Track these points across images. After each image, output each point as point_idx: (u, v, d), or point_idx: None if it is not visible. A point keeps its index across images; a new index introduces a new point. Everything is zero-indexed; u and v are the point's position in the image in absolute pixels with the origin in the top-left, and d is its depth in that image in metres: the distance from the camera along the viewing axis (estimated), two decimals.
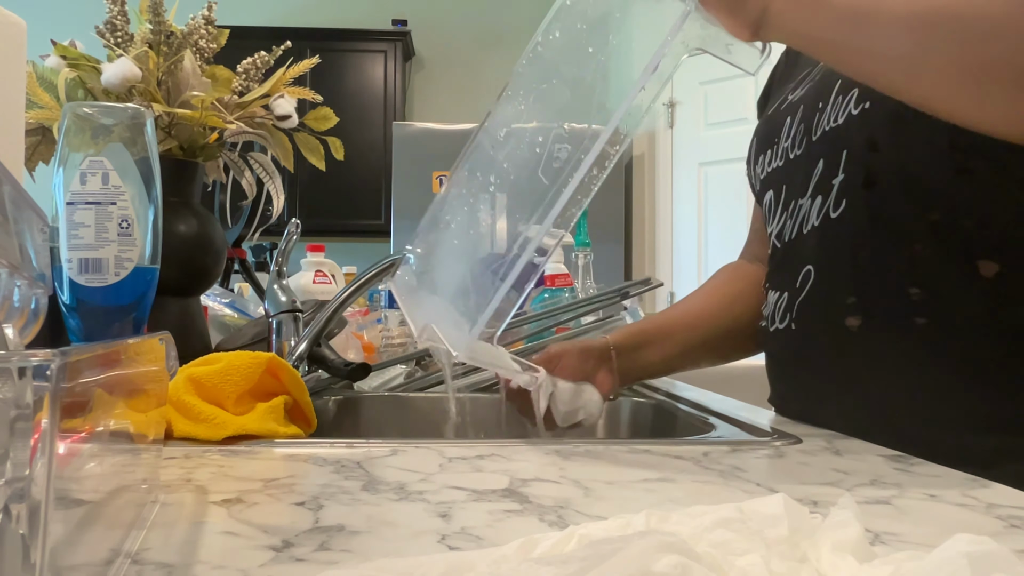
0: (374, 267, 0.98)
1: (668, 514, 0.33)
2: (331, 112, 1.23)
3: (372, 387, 1.10)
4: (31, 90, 1.02)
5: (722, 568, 0.28)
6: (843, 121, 0.73)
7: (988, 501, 0.48)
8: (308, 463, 0.58)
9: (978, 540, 0.27)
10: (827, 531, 0.31)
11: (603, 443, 0.69)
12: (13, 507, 0.22)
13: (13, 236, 0.43)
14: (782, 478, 0.55)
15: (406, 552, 0.38)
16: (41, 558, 0.22)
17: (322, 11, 5.06)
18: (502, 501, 0.47)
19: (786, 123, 0.83)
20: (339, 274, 1.84)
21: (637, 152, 4.50)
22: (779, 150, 0.84)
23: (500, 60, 5.18)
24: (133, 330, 0.66)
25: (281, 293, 1.02)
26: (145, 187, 0.66)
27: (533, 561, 0.28)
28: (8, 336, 0.38)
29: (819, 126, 0.77)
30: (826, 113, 0.76)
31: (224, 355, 0.71)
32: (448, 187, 0.81)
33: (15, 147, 0.77)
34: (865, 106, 0.71)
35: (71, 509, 0.26)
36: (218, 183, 1.41)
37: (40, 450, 0.22)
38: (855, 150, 0.72)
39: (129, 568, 0.35)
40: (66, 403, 0.23)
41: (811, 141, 0.78)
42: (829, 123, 0.75)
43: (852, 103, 0.72)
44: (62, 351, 0.22)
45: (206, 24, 1.14)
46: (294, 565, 0.36)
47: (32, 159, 1.06)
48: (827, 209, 0.75)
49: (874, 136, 0.71)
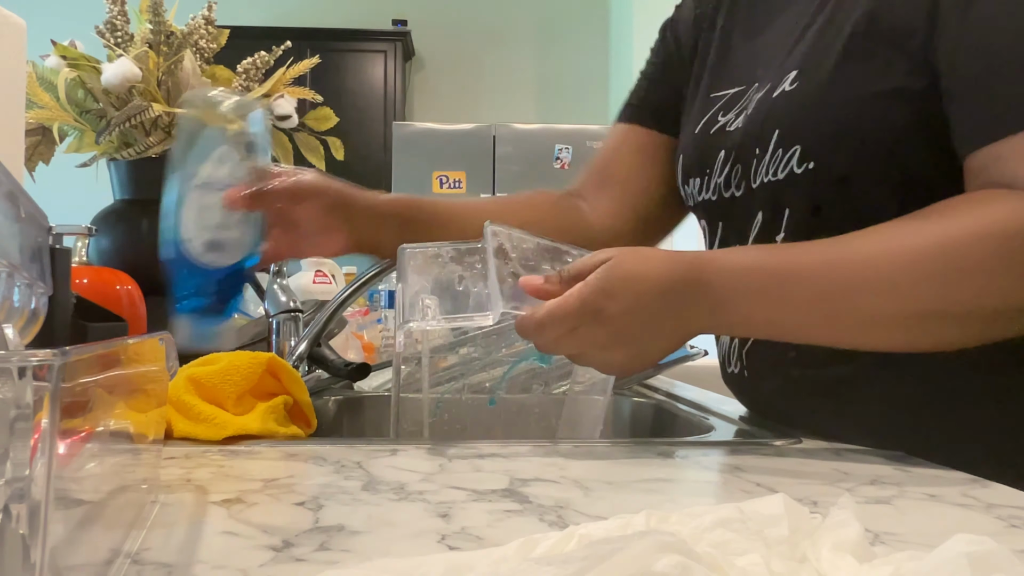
0: (374, 267, 0.98)
1: (668, 514, 0.33)
2: (331, 112, 1.23)
3: (372, 387, 1.10)
4: (31, 90, 1.02)
5: (722, 568, 0.28)
6: (784, 178, 0.68)
7: (988, 501, 0.48)
8: (308, 463, 0.58)
9: (978, 540, 0.27)
10: (827, 531, 0.31)
11: (603, 443, 0.69)
12: (13, 507, 0.22)
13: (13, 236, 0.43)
14: (782, 478, 0.55)
15: (406, 552, 0.38)
16: (41, 558, 0.22)
17: (322, 11, 5.06)
18: (502, 501, 0.47)
19: (719, 157, 0.77)
20: (339, 274, 1.84)
21: None
22: (711, 183, 0.78)
23: (500, 60, 5.18)
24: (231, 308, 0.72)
25: (281, 293, 1.02)
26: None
27: (533, 561, 0.28)
28: (8, 336, 0.38)
29: (758, 174, 0.72)
30: (764, 163, 0.71)
31: (224, 355, 0.71)
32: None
33: (15, 147, 0.77)
34: (809, 166, 0.67)
35: (71, 509, 0.26)
36: None
37: (40, 450, 0.22)
38: (797, 212, 0.69)
39: (129, 568, 0.35)
40: (66, 403, 0.23)
41: (750, 187, 0.73)
42: (769, 175, 0.70)
43: (795, 161, 0.68)
44: (62, 351, 0.22)
45: (206, 24, 1.14)
46: (294, 565, 0.36)
47: (32, 159, 1.06)
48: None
49: (818, 200, 0.68)
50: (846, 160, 0.66)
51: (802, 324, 0.61)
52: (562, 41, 5.17)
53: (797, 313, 0.60)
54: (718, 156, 0.77)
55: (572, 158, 4.09)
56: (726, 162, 0.76)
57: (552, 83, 5.18)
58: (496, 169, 4.16)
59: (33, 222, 0.50)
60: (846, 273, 0.58)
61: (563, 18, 5.18)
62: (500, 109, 5.07)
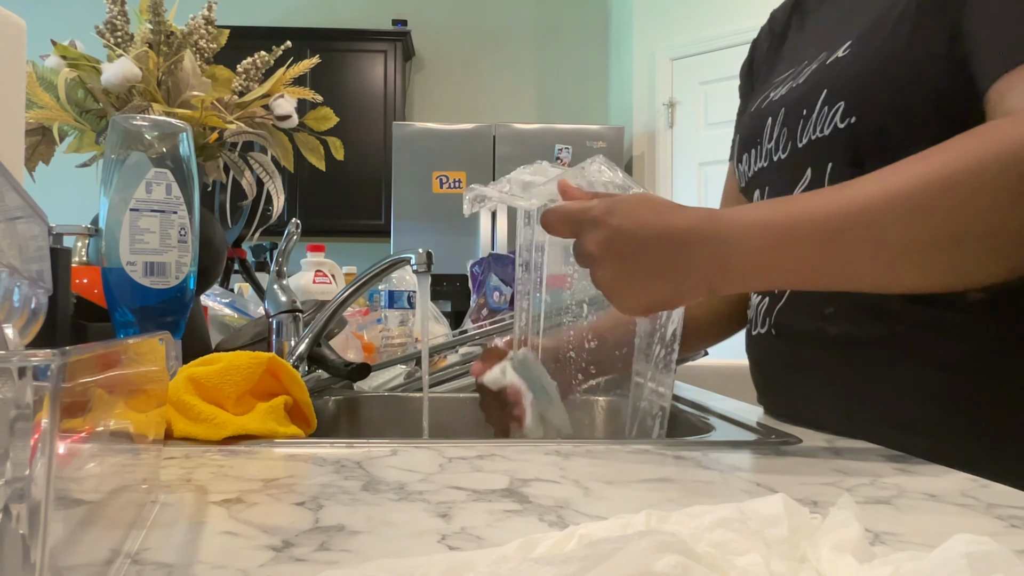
0: (374, 267, 0.98)
1: (668, 514, 0.33)
2: (331, 112, 1.23)
3: (372, 387, 1.10)
4: (31, 90, 1.02)
5: (722, 568, 0.28)
6: (829, 133, 0.72)
7: (988, 501, 0.48)
8: (308, 463, 0.58)
9: (978, 540, 0.27)
10: (827, 531, 0.31)
11: (603, 443, 0.69)
12: (13, 507, 0.22)
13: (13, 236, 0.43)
14: (782, 478, 0.55)
15: (406, 552, 0.38)
16: (41, 558, 0.22)
17: (322, 11, 5.06)
18: (502, 501, 0.47)
19: (767, 124, 0.82)
20: (339, 274, 1.83)
21: (637, 152, 4.50)
22: (763, 150, 0.83)
23: (500, 60, 5.18)
24: (175, 330, 0.73)
25: (281, 293, 1.02)
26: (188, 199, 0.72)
27: (533, 561, 0.28)
28: (8, 336, 0.38)
29: (804, 134, 0.76)
30: (811, 121, 0.75)
31: (224, 355, 0.71)
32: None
33: (15, 147, 0.77)
34: (851, 120, 0.70)
35: (71, 509, 0.26)
36: (218, 183, 1.41)
37: (40, 450, 0.22)
38: (840, 164, 0.72)
39: (129, 568, 0.35)
40: (66, 403, 0.23)
41: (796, 147, 0.77)
42: (815, 132, 0.74)
43: (839, 116, 0.71)
44: (62, 351, 0.22)
45: (206, 24, 1.14)
46: (294, 565, 0.36)
47: (32, 159, 1.06)
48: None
49: (860, 152, 0.70)
50: (887, 113, 0.69)
51: (817, 265, 0.60)
52: (562, 41, 5.17)
53: (811, 254, 0.59)
54: (767, 124, 0.82)
55: (572, 158, 4.09)
56: (774, 127, 0.81)
57: (552, 83, 5.18)
58: (496, 169, 4.16)
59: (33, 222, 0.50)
60: (856, 207, 0.58)
61: (563, 18, 5.18)
62: (500, 109, 5.08)
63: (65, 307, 0.79)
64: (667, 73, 4.31)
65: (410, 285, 1.41)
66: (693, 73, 4.19)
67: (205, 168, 1.18)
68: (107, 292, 0.70)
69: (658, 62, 4.32)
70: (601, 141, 4.17)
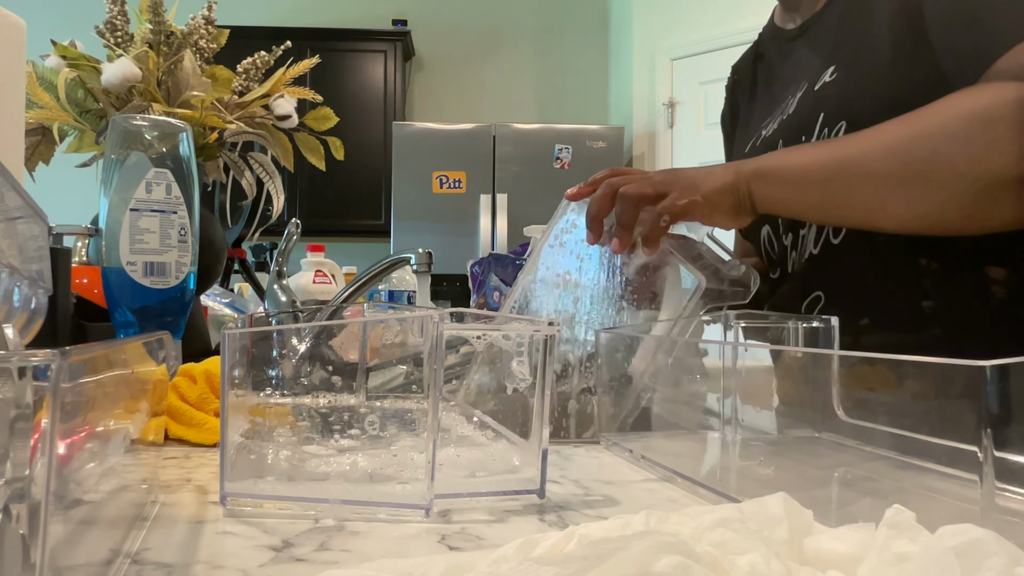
0: (374, 267, 0.98)
1: (668, 514, 0.33)
2: (331, 112, 1.23)
3: (372, 387, 1.10)
4: (31, 90, 1.02)
5: (722, 568, 0.28)
6: None
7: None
8: None
9: (962, 530, 0.27)
10: (827, 531, 0.31)
11: (603, 443, 0.69)
12: (13, 507, 0.22)
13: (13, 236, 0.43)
14: (782, 478, 0.55)
15: (406, 552, 0.38)
16: (41, 558, 0.22)
17: (322, 11, 5.06)
18: (502, 501, 0.47)
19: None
20: (339, 274, 1.84)
21: (637, 152, 4.50)
22: None
23: (500, 60, 5.18)
24: (175, 330, 0.72)
25: (281, 293, 1.02)
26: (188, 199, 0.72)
27: (533, 561, 0.28)
28: (8, 336, 0.38)
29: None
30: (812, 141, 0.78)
31: (204, 363, 0.71)
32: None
33: (15, 147, 0.77)
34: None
35: (71, 509, 0.26)
36: (218, 183, 1.41)
37: (40, 450, 0.22)
38: None
39: (129, 568, 0.35)
40: (66, 403, 0.23)
41: None
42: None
43: (840, 135, 0.75)
44: (62, 351, 0.22)
45: (206, 24, 1.14)
46: (294, 565, 0.36)
47: (32, 159, 1.06)
48: (826, 236, 0.76)
49: None
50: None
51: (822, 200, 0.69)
52: (562, 41, 5.17)
53: (816, 187, 0.69)
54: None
55: (572, 158, 4.09)
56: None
57: (552, 83, 5.18)
58: (496, 169, 4.16)
59: (33, 222, 0.50)
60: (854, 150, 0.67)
61: (563, 18, 5.18)
62: (500, 109, 5.08)
63: (65, 307, 0.79)
64: (667, 73, 4.31)
65: (410, 285, 1.41)
66: (693, 73, 4.19)
67: (205, 168, 1.18)
68: (107, 292, 0.70)
69: (658, 62, 4.33)
70: (601, 141, 4.17)
